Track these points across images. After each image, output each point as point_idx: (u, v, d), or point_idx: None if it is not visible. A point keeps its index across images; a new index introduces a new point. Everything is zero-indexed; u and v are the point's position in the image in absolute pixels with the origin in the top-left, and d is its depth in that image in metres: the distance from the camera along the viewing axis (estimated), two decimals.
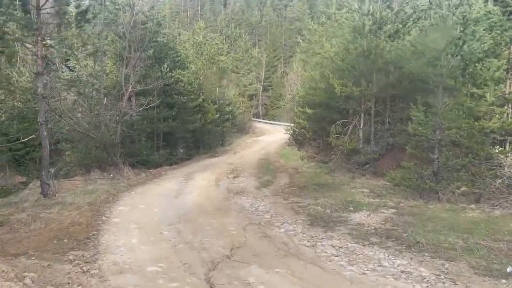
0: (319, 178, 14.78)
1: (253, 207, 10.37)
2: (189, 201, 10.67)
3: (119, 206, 9.07)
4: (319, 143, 22.77)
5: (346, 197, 10.97)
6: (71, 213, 7.70)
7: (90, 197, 9.22)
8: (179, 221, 8.34)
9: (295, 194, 12.08)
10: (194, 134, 24.02)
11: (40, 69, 9.30)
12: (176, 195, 11.44)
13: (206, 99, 25.77)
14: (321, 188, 12.69)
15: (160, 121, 20.41)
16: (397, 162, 14.99)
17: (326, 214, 9.19)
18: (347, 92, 14.38)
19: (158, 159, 18.83)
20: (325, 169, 17.76)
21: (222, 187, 13.58)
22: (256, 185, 14.18)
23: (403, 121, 15.32)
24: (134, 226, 7.66)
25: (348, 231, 7.83)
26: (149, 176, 15.05)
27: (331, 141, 15.99)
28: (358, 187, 12.74)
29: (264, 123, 47.71)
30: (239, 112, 39.20)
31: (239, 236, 7.39)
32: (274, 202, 11.04)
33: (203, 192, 12.21)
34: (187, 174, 16.47)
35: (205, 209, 9.85)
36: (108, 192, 10.23)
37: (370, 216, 8.95)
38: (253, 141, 36.31)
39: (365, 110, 15.23)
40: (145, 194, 11.09)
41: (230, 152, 27.99)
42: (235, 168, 19.05)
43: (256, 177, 16.03)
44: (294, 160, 23.20)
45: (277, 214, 9.52)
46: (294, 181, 14.65)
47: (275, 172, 17.81)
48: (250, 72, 50.85)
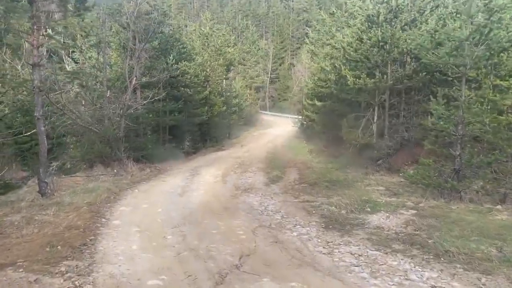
0: (331, 174, 14.06)
1: (262, 206, 9.72)
2: (195, 199, 10.04)
3: (121, 206, 8.45)
4: (329, 137, 22.00)
5: (361, 195, 10.26)
6: (69, 215, 7.11)
7: (90, 196, 8.61)
8: (184, 222, 7.71)
9: (306, 192, 11.41)
10: (201, 127, 23.38)
11: (36, 60, 8.65)
12: (182, 192, 10.81)
13: (212, 91, 25.09)
14: (333, 185, 11.99)
15: (166, 114, 19.78)
16: (412, 157, 14.24)
17: (341, 215, 8.50)
18: (360, 84, 13.59)
19: (164, 153, 18.22)
20: (335, 164, 17.04)
21: (230, 183, 12.94)
22: (265, 181, 13.53)
23: (419, 114, 14.54)
24: (135, 229, 7.03)
25: (367, 236, 7.14)
26: (154, 171, 14.45)
27: (343, 135, 15.25)
28: (372, 185, 12.02)
29: (271, 116, 46.95)
30: (246, 104, 38.50)
31: (248, 241, 6.74)
32: (284, 200, 10.38)
33: (209, 189, 11.58)
34: (194, 169, 15.86)
35: (212, 208, 9.21)
36: (109, 190, 9.62)
37: (389, 218, 8.25)
38: (260, 134, 35.62)
39: (379, 103, 14.44)
40: (149, 192, 10.47)
41: (237, 145, 27.34)
42: (242, 162, 18.42)
43: (264, 172, 15.37)
44: (302, 154, 22.50)
45: (288, 214, 8.86)
46: (304, 177, 13.96)
47: (283, 167, 17.12)
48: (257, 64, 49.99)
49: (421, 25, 13.53)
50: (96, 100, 13.27)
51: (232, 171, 15.77)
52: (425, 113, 13.83)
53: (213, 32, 29.29)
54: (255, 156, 20.91)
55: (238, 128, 34.97)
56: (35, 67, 8.67)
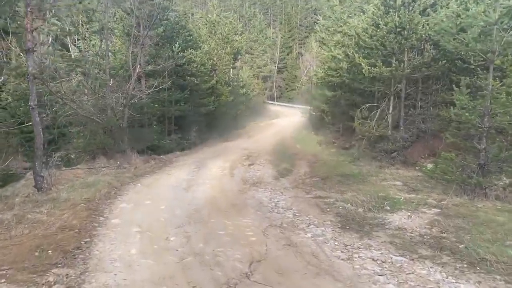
0: (343, 167, 13.36)
1: (272, 202, 9.08)
2: (201, 194, 9.42)
3: (121, 203, 7.84)
4: (339, 128, 21.26)
5: (377, 191, 9.55)
6: (64, 213, 6.52)
7: (89, 192, 8.01)
8: (189, 221, 7.09)
9: (317, 187, 10.74)
10: (207, 118, 22.71)
11: (30, 45, 7.99)
12: (187, 187, 10.19)
13: (219, 80, 24.36)
14: (346, 180, 11.29)
15: (172, 104, 19.13)
16: (429, 150, 13.49)
17: (358, 214, 7.82)
18: (375, 73, 12.79)
19: (169, 145, 17.62)
20: (347, 156, 16.32)
21: (237, 176, 12.30)
22: (274, 174, 12.88)
23: (437, 105, 13.75)
24: (135, 229, 6.42)
25: (389, 239, 6.46)
26: (159, 163, 13.84)
27: (356, 127, 14.49)
28: (388, 179, 11.31)
29: (278, 106, 46.11)
30: (253, 94, 37.70)
31: (259, 244, 6.10)
32: (295, 196, 9.72)
33: (216, 183, 10.95)
34: (200, 161, 15.25)
35: (219, 205, 8.58)
36: (110, 184, 9.01)
37: (411, 217, 7.56)
38: (267, 124, 34.88)
39: (395, 93, 13.63)
40: (152, 186, 9.86)
41: (245, 136, 26.67)
42: (250, 154, 17.78)
43: (273, 165, 14.71)
44: (311, 145, 21.79)
45: (300, 212, 8.20)
46: (315, 171, 13.27)
47: (293, 159, 16.44)
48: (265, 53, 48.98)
49: (441, 9, 12.62)
50: (98, 89, 12.63)
51: (240, 163, 15.14)
52: (444, 104, 13.02)
53: (220, 20, 28.42)
54: (263, 148, 20.24)
55: (245, 118, 34.26)
56: (29, 53, 8.01)
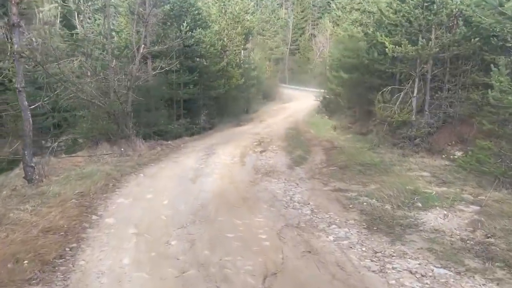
0: (362, 155, 12.29)
1: (287, 195, 8.14)
2: (209, 186, 8.51)
3: (119, 197, 6.97)
4: (355, 112, 20.07)
5: (404, 183, 8.52)
6: (51, 210, 5.69)
7: (84, 184, 7.16)
8: (194, 220, 6.19)
9: (336, 177, 9.74)
10: (217, 101, 21.68)
11: (15, 19, 7.04)
12: (194, 177, 9.29)
13: (230, 62, 23.20)
14: (368, 169, 10.26)
15: (180, 86, 18.12)
16: (457, 137, 12.31)
17: (386, 212, 6.83)
18: (400, 53, 11.56)
19: (178, 129, 16.72)
20: (365, 142, 15.22)
21: (248, 165, 11.36)
22: (287, 162, 11.90)
23: (466, 87, 12.48)
24: (132, 231, 5.55)
25: (426, 244, 5.47)
26: (165, 150, 12.95)
27: (375, 111, 13.32)
28: (414, 169, 10.23)
29: (290, 89, 44.74)
30: (265, 77, 36.44)
31: (274, 251, 5.18)
32: (312, 188, 8.75)
33: (226, 173, 10.03)
34: (209, 147, 14.33)
35: (228, 199, 7.67)
36: (109, 175, 8.12)
37: (447, 217, 6.54)
38: (279, 108, 33.75)
39: (420, 75, 12.40)
40: (156, 177, 8.97)
41: (256, 121, 25.65)
42: (262, 140, 16.80)
43: (286, 152, 13.73)
44: (326, 130, 20.69)
45: (319, 208, 7.25)
46: (332, 158, 12.25)
47: (307, 146, 15.42)
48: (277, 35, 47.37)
49: None
50: (99, 71, 11.68)
51: (251, 150, 14.18)
52: (474, 86, 11.79)
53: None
54: (275, 133, 19.23)
55: (257, 102, 33.16)
56: (14, 28, 7.08)
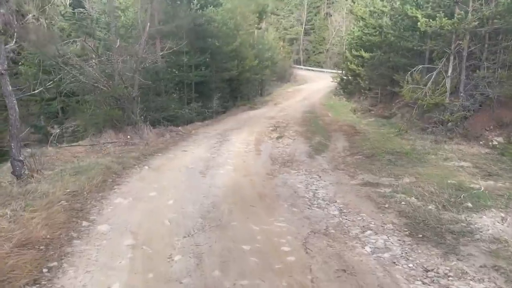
0: (390, 141, 11.11)
1: (309, 191, 7.08)
2: (221, 180, 7.48)
3: (117, 197, 5.98)
4: (377, 94, 18.72)
5: (444, 176, 7.37)
6: (35, 216, 4.76)
7: (79, 180, 6.18)
8: (203, 226, 5.19)
9: (363, 168, 8.61)
10: (230, 84, 20.53)
11: None
12: (204, 169, 8.27)
13: (243, 43, 21.87)
14: (398, 159, 9.10)
15: (191, 68, 17.01)
16: (495, 121, 10.98)
17: (430, 213, 5.69)
18: (434, 27, 10.19)
19: (189, 114, 15.70)
20: (390, 127, 14.00)
21: (264, 153, 10.30)
22: (307, 150, 10.80)
23: (507, 65, 11.07)
24: (128, 242, 4.57)
25: (490, 260, 4.35)
26: (175, 137, 11.94)
27: (404, 93, 12.01)
28: (451, 158, 9.01)
29: (305, 70, 43.15)
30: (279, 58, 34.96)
31: (300, 271, 4.14)
32: (337, 181, 7.66)
33: (240, 164, 8.99)
34: (222, 134, 13.30)
35: (243, 196, 6.64)
36: (109, 169, 7.10)
37: (506, 221, 5.39)
38: (294, 90, 32.42)
39: (456, 52, 11.00)
40: (162, 170, 7.95)
41: (270, 103, 24.45)
42: (277, 124, 15.69)
43: (304, 138, 12.61)
44: (345, 113, 19.44)
45: (348, 207, 6.18)
46: (356, 146, 11.10)
47: (326, 130, 14.27)
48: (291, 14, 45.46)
49: None
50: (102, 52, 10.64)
51: (267, 136, 13.10)
52: None
53: None
54: (291, 117, 18.07)
55: (271, 84, 31.88)
56: None
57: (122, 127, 10.79)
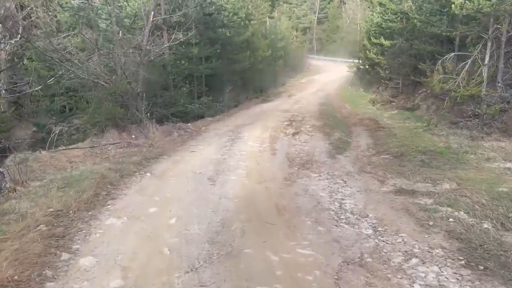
0: (419, 137, 9.93)
1: (335, 200, 6.04)
2: (233, 189, 6.48)
3: (110, 216, 4.93)
4: (398, 84, 17.39)
5: (492, 182, 6.22)
6: (4, 247, 3.76)
7: (67, 195, 5.17)
8: (210, 255, 4.20)
9: (393, 170, 7.52)
10: (242, 76, 19.41)
11: None
12: (214, 174, 7.27)
13: (255, 33, 20.72)
14: (433, 159, 7.94)
15: (201, 61, 15.96)
16: None
17: (488, 235, 4.58)
18: (471, 9, 8.89)
19: (199, 109, 14.70)
20: (415, 120, 12.82)
21: (280, 153, 9.26)
22: (327, 148, 9.73)
23: None
24: (116, 282, 3.55)
25: None
26: (183, 135, 10.96)
27: (433, 84, 10.75)
28: (494, 158, 7.81)
29: (319, 60, 41.68)
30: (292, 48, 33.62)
31: None
32: (365, 188, 6.59)
33: (253, 166, 7.97)
34: (234, 130, 12.29)
35: (258, 210, 5.63)
36: (104, 179, 6.07)
37: None
38: (308, 80, 31.17)
39: (493, 37, 9.68)
40: (166, 177, 6.96)
41: (284, 95, 23.30)
42: (292, 118, 14.62)
43: (323, 134, 11.52)
44: (363, 105, 18.21)
45: (382, 223, 5.12)
46: (381, 142, 9.96)
47: (346, 125, 13.15)
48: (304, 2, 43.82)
49: None
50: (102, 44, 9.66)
51: (282, 131, 12.05)
52: None
53: None
54: (306, 109, 16.95)
55: (284, 75, 30.63)
56: None
57: (125, 125, 9.87)
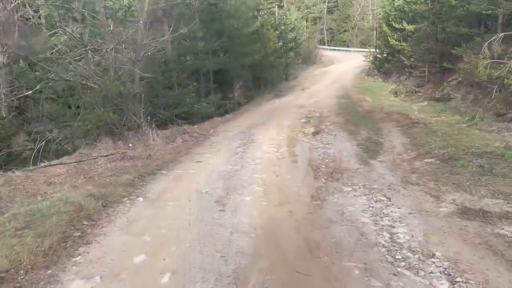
0: (465, 135, 8.21)
1: (383, 229, 4.49)
2: (248, 217, 4.90)
3: (76, 277, 3.11)
4: (423, 72, 15.55)
5: None
6: None
7: (21, 244, 3.59)
8: None
9: (446, 180, 5.89)
10: (253, 70, 17.79)
11: None
12: (224, 194, 5.71)
13: (264, 23, 19.01)
14: (493, 164, 6.25)
15: (208, 55, 14.40)
16: None
17: None
18: None
19: (207, 109, 13.17)
20: (451, 113, 11.04)
21: (302, 159, 7.67)
22: (355, 151, 8.12)
23: None
24: None
25: None
26: (189, 141, 9.42)
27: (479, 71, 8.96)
28: None
29: (330, 51, 39.65)
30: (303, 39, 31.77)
31: None
32: (418, 209, 4.98)
33: (271, 180, 6.40)
34: (245, 132, 10.75)
35: (283, 251, 4.09)
36: (79, 212, 4.35)
37: None
38: (321, 72, 29.31)
39: None
40: (163, 202, 5.33)
41: (297, 89, 21.59)
42: (309, 115, 13.03)
43: (347, 133, 9.89)
44: (385, 96, 16.42)
45: (460, 270, 3.57)
46: (420, 142, 8.27)
47: (372, 121, 11.44)
48: None
49: None
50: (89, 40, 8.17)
51: (300, 131, 10.47)
52: None
53: None
54: (324, 104, 15.29)
55: (296, 67, 28.89)
56: None
57: (121, 133, 8.39)
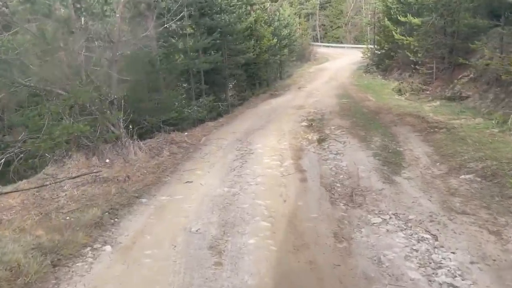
0: (503, 143, 6.90)
1: None
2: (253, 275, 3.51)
3: None
4: (431, 68, 14.23)
5: None
6: None
7: None
8: None
9: (501, 207, 4.59)
10: (247, 69, 16.33)
11: None
12: (220, 235, 4.27)
13: (258, 19, 17.54)
14: None
15: (198, 54, 12.90)
16: None
17: None
18: None
19: (198, 113, 11.69)
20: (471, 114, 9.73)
21: (312, 176, 6.27)
22: (372, 163, 6.78)
23: None
24: None
25: None
26: (177, 154, 7.93)
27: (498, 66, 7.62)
28: None
29: (324, 47, 38.24)
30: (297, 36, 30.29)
31: None
32: (481, 255, 3.67)
33: (279, 208, 5.00)
34: (242, 139, 9.30)
35: None
36: (14, 280, 3.16)
37: None
38: (316, 70, 27.90)
39: None
40: (138, 253, 3.72)
41: (293, 88, 20.15)
42: (310, 116, 11.65)
43: (358, 139, 8.52)
44: (388, 95, 15.10)
45: None
46: (448, 152, 6.94)
47: (382, 124, 10.06)
48: None
49: None
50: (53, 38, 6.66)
51: (303, 137, 9.06)
52: None
53: None
54: (324, 104, 13.88)
55: (290, 65, 27.45)
56: None
57: (96, 147, 6.92)
